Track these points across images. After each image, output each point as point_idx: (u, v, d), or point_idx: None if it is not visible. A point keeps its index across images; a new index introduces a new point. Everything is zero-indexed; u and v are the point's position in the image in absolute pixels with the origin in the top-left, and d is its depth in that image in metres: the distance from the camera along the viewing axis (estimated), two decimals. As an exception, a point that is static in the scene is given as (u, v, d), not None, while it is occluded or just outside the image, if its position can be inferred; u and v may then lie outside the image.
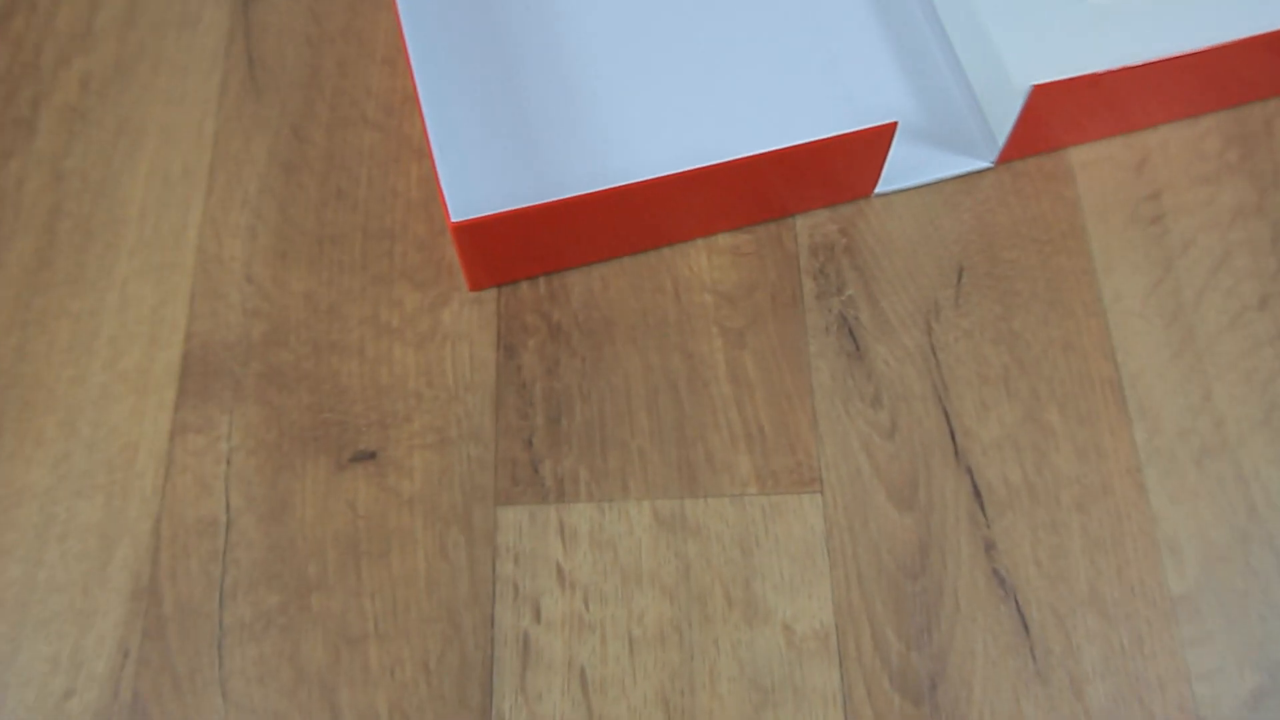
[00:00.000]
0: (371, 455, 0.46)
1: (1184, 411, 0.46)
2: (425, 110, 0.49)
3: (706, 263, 0.49)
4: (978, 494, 0.45)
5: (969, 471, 0.45)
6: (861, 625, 0.43)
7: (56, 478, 0.46)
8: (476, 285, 0.49)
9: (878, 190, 0.50)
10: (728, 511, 0.45)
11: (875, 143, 0.47)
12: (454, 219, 0.45)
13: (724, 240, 0.50)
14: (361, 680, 0.43)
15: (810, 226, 0.50)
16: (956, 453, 0.46)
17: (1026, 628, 0.43)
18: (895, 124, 0.46)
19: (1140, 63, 0.46)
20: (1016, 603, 0.43)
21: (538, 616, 0.43)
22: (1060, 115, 0.48)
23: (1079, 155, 0.51)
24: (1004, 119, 0.49)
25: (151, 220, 0.51)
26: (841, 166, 0.48)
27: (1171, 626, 0.43)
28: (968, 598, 0.43)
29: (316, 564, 0.44)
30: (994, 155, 0.50)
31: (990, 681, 0.42)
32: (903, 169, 0.50)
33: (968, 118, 0.52)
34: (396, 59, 0.55)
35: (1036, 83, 0.46)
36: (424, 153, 0.52)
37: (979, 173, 0.51)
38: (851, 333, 0.48)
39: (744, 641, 0.43)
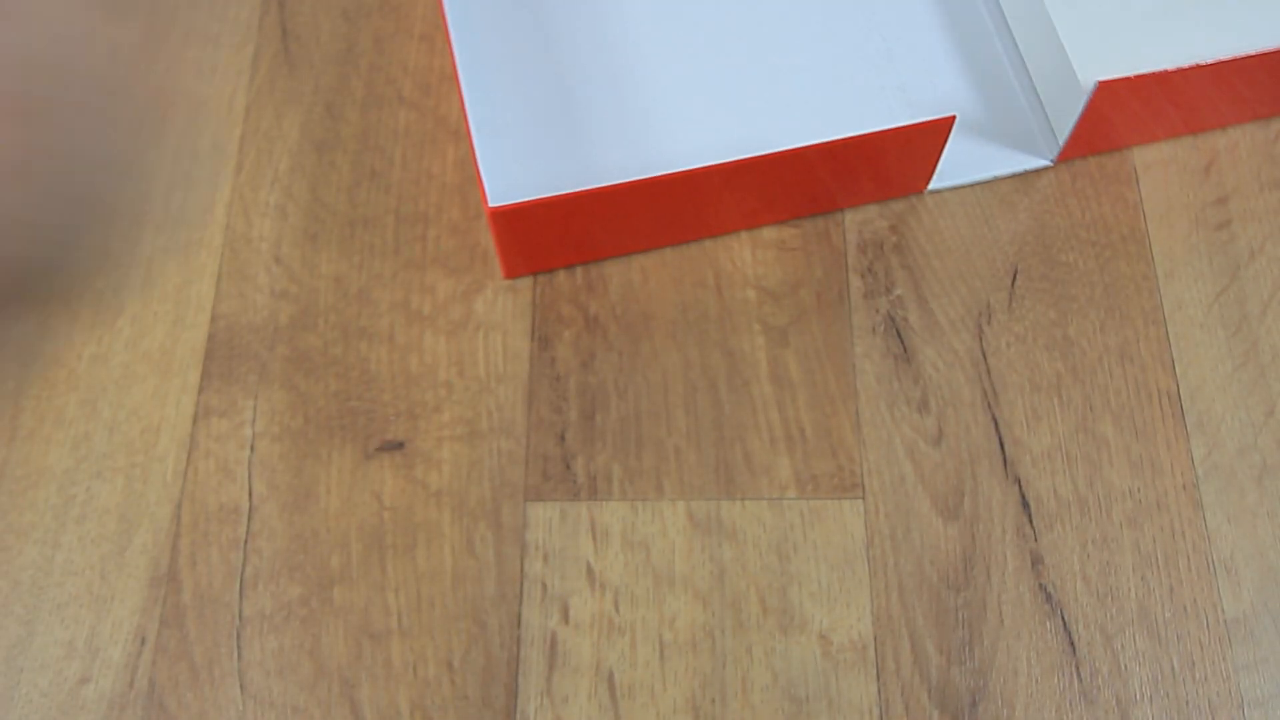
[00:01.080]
0: (399, 446, 0.45)
1: (1245, 427, 0.44)
2: (465, 90, 0.47)
3: (750, 257, 0.48)
4: (1026, 505, 0.43)
5: (1017, 482, 0.44)
6: (901, 637, 0.42)
7: (76, 459, 0.45)
8: (512, 273, 0.47)
9: (931, 187, 0.48)
10: (765, 515, 0.44)
11: (931, 137, 0.45)
12: (492, 204, 0.43)
13: (769, 234, 0.48)
14: (383, 676, 0.42)
15: (859, 222, 0.49)
16: (1005, 462, 0.44)
17: (1073, 646, 0.41)
18: (953, 118, 0.44)
19: (1211, 61, 0.44)
20: (1063, 619, 0.42)
21: (566, 617, 0.42)
22: (1125, 114, 0.46)
23: (1143, 156, 0.49)
24: (1066, 116, 0.47)
25: (179, 196, 0.50)
26: (894, 161, 0.46)
27: (1224, 650, 0.41)
28: (1012, 613, 0.42)
29: (340, 556, 0.43)
30: (1054, 153, 0.49)
31: (1033, 700, 0.41)
32: (958, 165, 0.49)
33: (1028, 113, 0.50)
34: (435, 35, 0.53)
35: (1102, 79, 0.44)
36: (460, 134, 0.51)
37: (1037, 171, 0.49)
38: (899, 334, 0.46)
39: (778, 650, 0.42)
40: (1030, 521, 0.43)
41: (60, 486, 0.44)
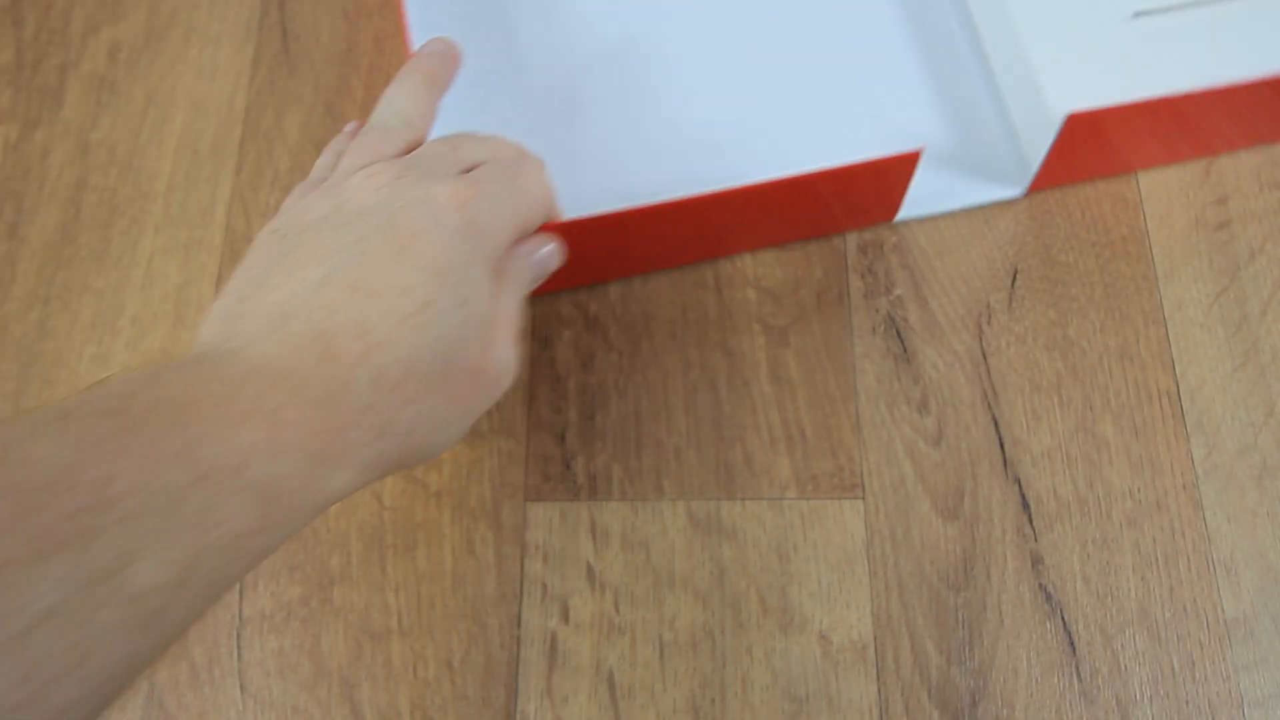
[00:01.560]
0: (399, 446, 0.45)
1: (1245, 427, 0.44)
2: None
3: (750, 258, 0.48)
4: (1026, 506, 0.43)
5: (1017, 482, 0.44)
6: (901, 637, 0.42)
7: (76, 458, 0.45)
8: None
9: (899, 218, 0.48)
10: (765, 515, 0.44)
11: (897, 170, 0.44)
12: None
13: (769, 234, 0.48)
14: (383, 677, 0.42)
15: (859, 222, 0.48)
16: (1005, 462, 0.44)
17: (1073, 646, 0.41)
18: (919, 152, 0.43)
19: (1184, 92, 0.43)
20: (1063, 619, 0.42)
21: (566, 617, 0.42)
22: (1097, 145, 0.46)
23: (1143, 156, 0.49)
24: (1039, 145, 0.46)
25: (179, 196, 0.50)
26: (860, 193, 0.45)
27: (1224, 650, 0.41)
28: (1012, 613, 0.42)
29: (340, 556, 0.43)
30: (1026, 183, 0.47)
31: (1033, 700, 0.41)
32: (928, 194, 0.47)
33: (1001, 142, 0.49)
34: (434, 36, 0.53)
35: (1072, 111, 0.43)
36: (460, 134, 0.51)
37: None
38: (899, 334, 0.46)
39: (778, 650, 0.42)
40: (1030, 521, 0.43)
41: (60, 486, 0.44)
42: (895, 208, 0.47)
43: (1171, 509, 0.43)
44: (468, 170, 0.35)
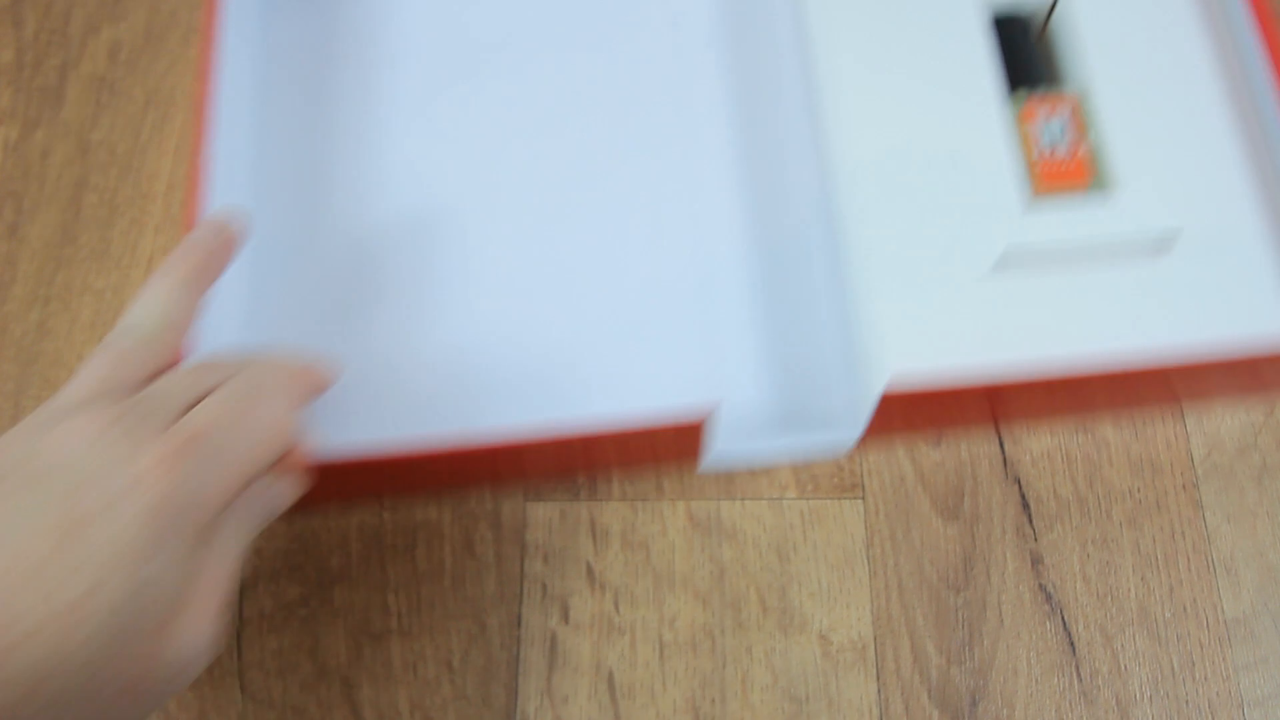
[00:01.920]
0: (399, 446, 0.45)
1: (1245, 428, 0.44)
2: None
3: (750, 257, 0.48)
4: (1026, 506, 0.43)
5: (1017, 482, 0.44)
6: (901, 637, 0.42)
7: (76, 458, 0.45)
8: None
9: (704, 469, 0.44)
10: (765, 515, 0.44)
11: (685, 434, 0.40)
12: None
13: (769, 234, 0.48)
14: (383, 677, 0.42)
15: (859, 222, 0.48)
16: (1005, 462, 0.44)
17: (1073, 645, 0.41)
18: (704, 420, 0.39)
19: (1022, 379, 0.39)
20: (1063, 619, 0.42)
21: (566, 617, 0.42)
22: (918, 416, 0.42)
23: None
24: (868, 401, 0.40)
25: (179, 196, 0.50)
26: (648, 449, 0.42)
27: (1224, 650, 0.41)
28: (1012, 613, 0.42)
29: (340, 556, 0.43)
30: (851, 443, 0.43)
31: (1033, 700, 0.41)
32: (746, 434, 0.43)
33: (835, 388, 0.43)
34: (434, 36, 0.53)
35: (889, 389, 0.38)
36: (460, 134, 0.50)
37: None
38: (899, 334, 0.46)
39: (778, 650, 0.42)
40: (1030, 521, 0.43)
41: (60, 486, 0.44)
42: (695, 460, 0.43)
43: (1171, 509, 0.43)
44: (204, 397, 0.31)
